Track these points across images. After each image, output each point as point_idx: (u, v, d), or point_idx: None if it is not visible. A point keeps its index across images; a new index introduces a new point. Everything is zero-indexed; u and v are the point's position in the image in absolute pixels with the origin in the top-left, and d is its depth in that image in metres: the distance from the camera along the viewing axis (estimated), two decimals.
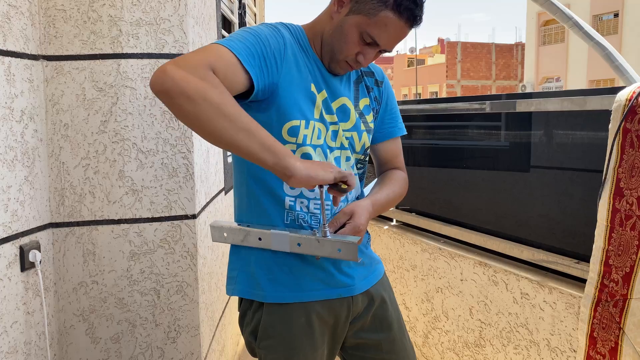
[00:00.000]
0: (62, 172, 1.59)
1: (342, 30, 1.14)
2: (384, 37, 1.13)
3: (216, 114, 0.93)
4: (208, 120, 0.93)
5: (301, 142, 1.15)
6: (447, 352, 2.13)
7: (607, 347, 1.35)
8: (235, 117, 0.94)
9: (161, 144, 1.63)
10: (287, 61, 1.13)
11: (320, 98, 1.19)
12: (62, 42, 1.56)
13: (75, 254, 1.63)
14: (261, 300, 1.20)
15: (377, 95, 1.32)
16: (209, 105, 0.92)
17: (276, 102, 1.12)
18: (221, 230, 1.20)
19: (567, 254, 1.65)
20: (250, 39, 1.08)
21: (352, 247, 1.08)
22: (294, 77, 1.14)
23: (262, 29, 1.13)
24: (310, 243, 1.11)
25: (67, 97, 1.58)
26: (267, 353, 1.22)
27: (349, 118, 1.24)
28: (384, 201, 1.27)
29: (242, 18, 3.21)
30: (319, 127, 1.17)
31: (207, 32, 1.91)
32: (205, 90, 0.92)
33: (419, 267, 2.26)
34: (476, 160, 2.18)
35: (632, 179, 1.29)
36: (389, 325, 1.31)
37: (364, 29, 1.12)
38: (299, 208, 1.18)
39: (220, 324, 2.13)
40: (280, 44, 1.12)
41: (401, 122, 1.39)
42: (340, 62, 1.18)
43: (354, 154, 1.26)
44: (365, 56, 1.16)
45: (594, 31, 1.60)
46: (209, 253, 1.89)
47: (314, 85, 1.18)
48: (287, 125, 1.14)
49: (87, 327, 1.66)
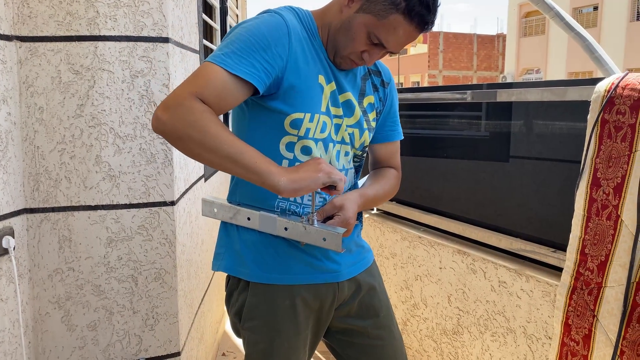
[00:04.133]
0: (36, 157, 1.56)
1: (350, 27, 1.11)
2: (391, 40, 1.10)
3: (201, 149, 0.99)
4: (197, 155, 1.01)
5: (303, 135, 1.13)
6: (425, 339, 2.16)
7: (581, 334, 1.37)
8: (217, 148, 0.99)
9: (139, 129, 1.60)
10: (292, 52, 1.09)
11: (329, 89, 1.16)
12: (36, 23, 1.51)
13: (51, 240, 1.60)
14: (246, 278, 1.20)
15: (382, 96, 1.31)
16: (193, 143, 0.99)
17: (282, 95, 1.10)
18: (212, 206, 1.21)
19: (544, 243, 1.68)
20: (246, 44, 1.04)
21: (337, 237, 1.09)
22: (300, 69, 1.11)
23: (260, 26, 1.07)
24: (297, 229, 1.12)
25: (42, 80, 1.53)
26: (250, 334, 1.22)
27: (354, 113, 1.22)
28: (372, 197, 1.27)
29: (224, 2, 3.16)
30: (324, 120, 1.16)
31: (187, 16, 1.87)
32: (185, 129, 0.98)
33: (398, 255, 2.28)
34: (456, 150, 2.19)
35: (609, 169, 1.31)
36: (376, 312, 1.31)
37: (372, 29, 1.09)
38: (292, 199, 1.18)
39: (199, 311, 2.11)
40: (283, 36, 1.08)
41: (399, 126, 1.39)
42: (344, 58, 1.15)
43: (353, 149, 1.25)
44: (370, 55, 1.13)
45: (575, 22, 1.61)
46: (188, 240, 1.87)
47: (323, 77, 1.15)
48: (290, 117, 1.12)
49: (63, 315, 1.63)
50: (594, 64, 1.64)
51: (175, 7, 1.68)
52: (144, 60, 1.58)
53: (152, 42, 1.58)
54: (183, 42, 1.79)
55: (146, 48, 1.58)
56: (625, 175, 1.28)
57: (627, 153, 1.27)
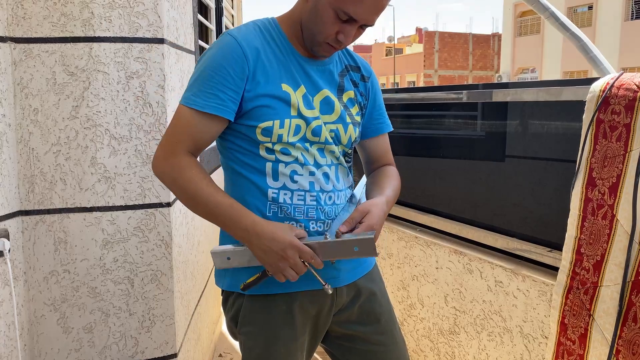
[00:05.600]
0: (31, 159, 1.55)
1: (317, 11, 1.10)
2: (360, 11, 1.08)
3: (182, 201, 1.16)
4: (184, 204, 1.16)
5: (276, 141, 1.14)
6: (422, 339, 2.16)
7: (578, 334, 1.38)
8: (193, 207, 1.15)
9: (135, 130, 1.60)
10: (250, 70, 1.12)
11: (299, 94, 1.16)
12: (30, 24, 1.51)
13: (46, 242, 1.59)
14: (246, 293, 1.20)
15: (364, 91, 1.29)
16: (176, 195, 1.17)
17: (247, 111, 1.13)
18: (223, 255, 1.15)
19: (541, 243, 1.68)
20: (208, 79, 1.11)
21: (370, 242, 1.05)
22: (260, 84, 1.12)
23: (216, 56, 1.12)
24: (326, 247, 1.08)
25: (36, 81, 1.53)
26: (247, 339, 1.22)
27: (334, 110, 1.21)
28: (393, 199, 1.26)
29: (219, 3, 3.16)
30: (296, 124, 1.15)
31: (183, 16, 1.87)
32: (169, 185, 1.15)
33: (395, 255, 2.28)
34: (453, 150, 2.20)
35: (604, 169, 1.32)
36: (377, 318, 1.30)
37: (337, 6, 1.07)
38: (282, 200, 1.16)
39: (196, 312, 2.11)
40: (239, 57, 1.11)
41: (387, 118, 1.38)
42: (322, 45, 1.14)
43: (340, 146, 1.24)
44: (345, 35, 1.12)
45: (570, 22, 1.62)
46: (184, 241, 1.87)
47: (287, 85, 1.15)
48: (260, 127, 1.13)
49: (59, 317, 1.63)
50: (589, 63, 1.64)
51: (170, 7, 1.67)
52: (139, 61, 1.58)
53: (147, 43, 1.58)
54: (178, 42, 1.79)
55: (141, 49, 1.58)
56: (620, 174, 1.28)
57: (622, 153, 1.28)
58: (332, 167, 1.22)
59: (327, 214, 1.19)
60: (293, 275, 1.09)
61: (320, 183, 1.18)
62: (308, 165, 1.17)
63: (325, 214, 1.19)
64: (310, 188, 1.17)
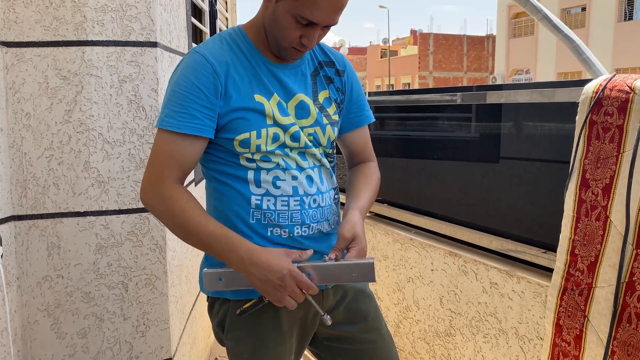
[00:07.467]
0: (24, 163, 1.54)
1: (277, 17, 1.10)
2: (317, 15, 1.06)
3: (172, 230, 1.15)
4: (176, 235, 1.15)
5: (255, 151, 1.14)
6: (418, 341, 2.16)
7: (573, 335, 1.38)
8: (183, 237, 1.14)
9: (128, 134, 1.59)
10: (222, 85, 1.12)
11: (273, 103, 1.15)
12: (22, 28, 1.50)
13: (39, 247, 1.58)
14: (232, 298, 1.19)
15: (340, 86, 1.28)
16: (166, 225, 1.16)
17: (223, 125, 1.13)
18: (216, 275, 1.12)
19: (535, 244, 1.68)
20: (180, 99, 1.10)
21: (370, 267, 1.06)
22: (232, 99, 1.12)
23: (186, 75, 1.11)
24: (324, 271, 1.08)
25: (28, 86, 1.52)
26: (234, 345, 1.21)
27: (309, 114, 1.20)
28: (369, 206, 1.26)
29: (213, 6, 3.15)
30: (274, 132, 1.15)
31: (176, 20, 1.86)
32: (158, 216, 1.15)
33: (390, 257, 2.28)
34: (447, 151, 2.20)
35: (597, 170, 1.32)
36: (364, 316, 1.30)
37: (294, 12, 1.06)
38: (265, 206, 1.16)
39: (191, 317, 2.10)
40: (209, 74, 1.11)
41: (368, 110, 1.35)
42: (288, 49, 1.13)
43: (320, 148, 1.23)
44: (309, 38, 1.10)
45: (562, 24, 1.62)
46: (178, 245, 1.86)
47: (260, 95, 1.14)
48: (237, 139, 1.13)
49: (53, 322, 1.62)
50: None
51: (163, 11, 1.67)
52: (132, 65, 1.57)
53: (140, 47, 1.58)
54: (172, 46, 1.78)
55: (134, 53, 1.57)
56: (613, 176, 1.28)
57: (615, 154, 1.28)
58: (314, 169, 1.21)
59: (311, 217, 1.19)
60: (292, 304, 1.08)
61: (304, 186, 1.18)
62: (290, 170, 1.17)
63: (310, 217, 1.19)
64: (293, 193, 1.17)
